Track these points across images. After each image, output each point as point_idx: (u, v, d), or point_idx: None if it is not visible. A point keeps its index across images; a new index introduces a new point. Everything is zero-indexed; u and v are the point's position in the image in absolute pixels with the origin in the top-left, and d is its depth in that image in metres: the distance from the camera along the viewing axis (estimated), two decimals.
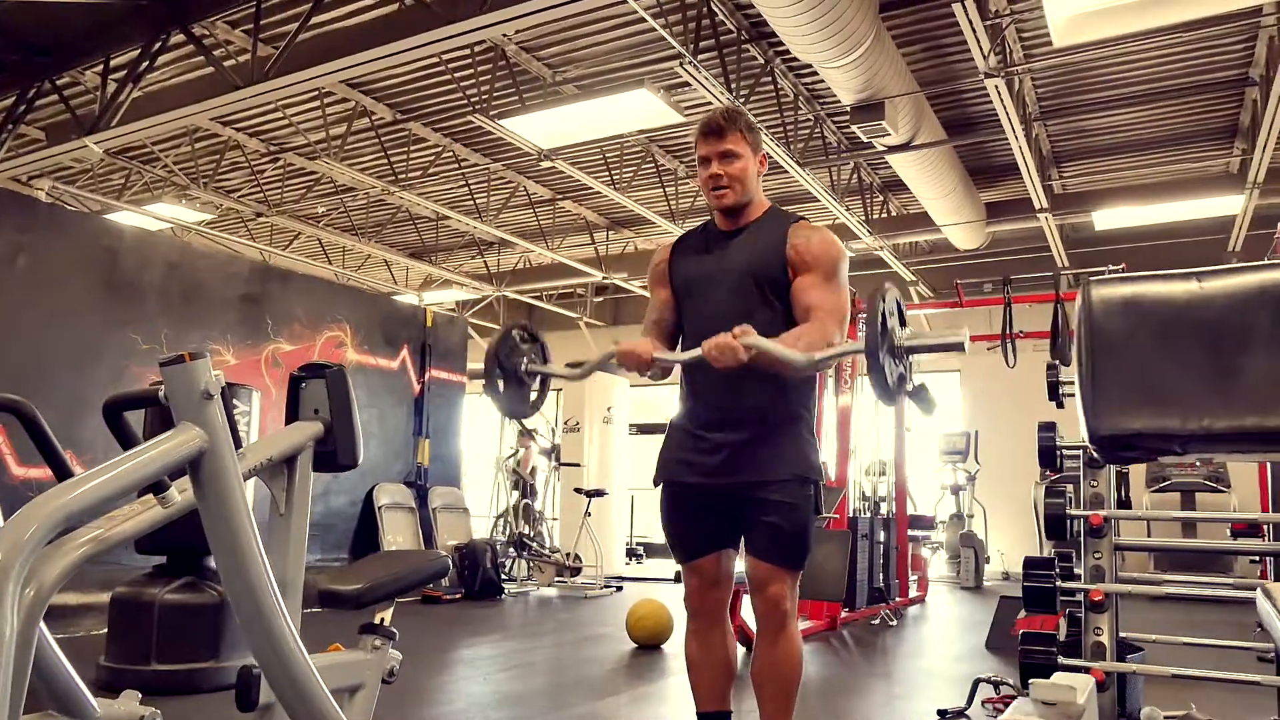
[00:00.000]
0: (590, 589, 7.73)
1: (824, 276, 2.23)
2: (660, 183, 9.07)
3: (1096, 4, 4.92)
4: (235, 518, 1.56)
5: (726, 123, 2.28)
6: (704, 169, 2.31)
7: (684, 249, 2.44)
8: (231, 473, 1.55)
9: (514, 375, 2.33)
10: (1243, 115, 7.91)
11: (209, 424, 1.51)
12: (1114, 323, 1.17)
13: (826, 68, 5.88)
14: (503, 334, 2.34)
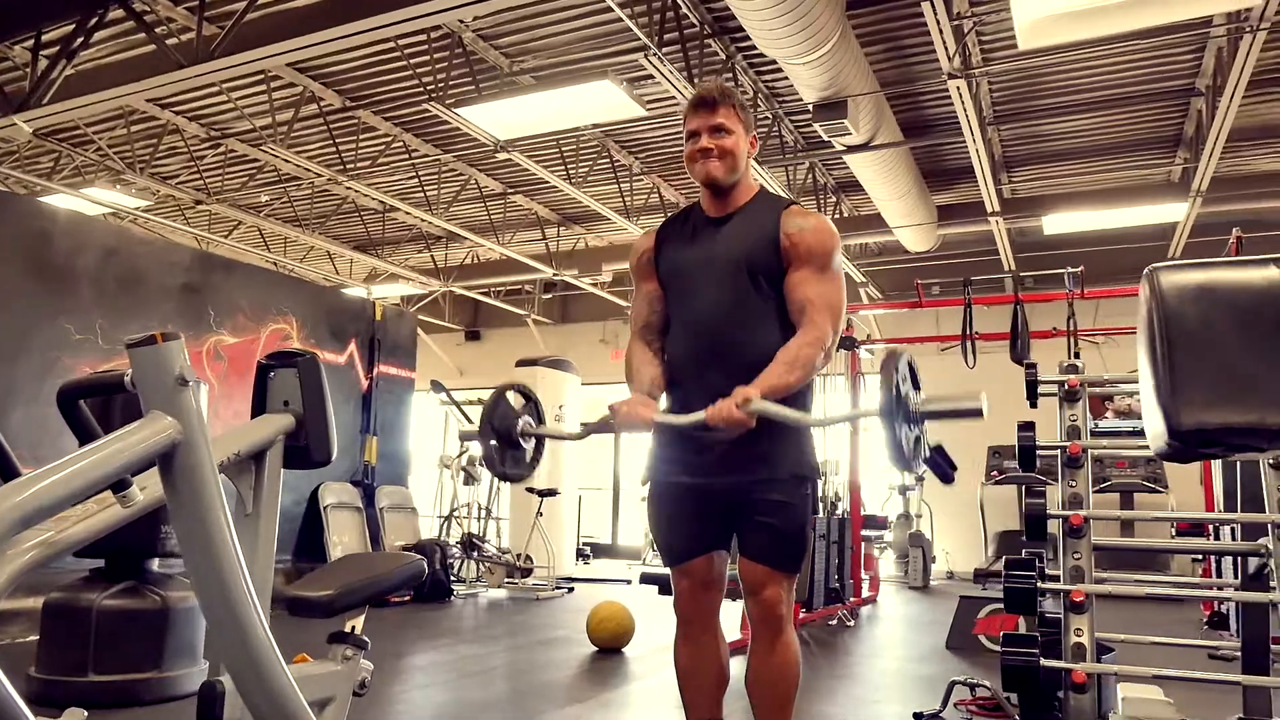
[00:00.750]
0: (542, 590, 7.57)
1: (819, 268, 2.15)
2: (615, 179, 8.94)
3: (1062, 7, 4.94)
4: (211, 517, 1.40)
5: (720, 96, 2.18)
6: (692, 143, 2.20)
7: (669, 237, 2.32)
8: (208, 468, 1.40)
9: (508, 438, 2.20)
10: (1187, 125, 8.09)
11: (183, 413, 1.35)
12: (1189, 311, 1.09)
13: (792, 64, 5.82)
14: (496, 396, 2.21)
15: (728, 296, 2.15)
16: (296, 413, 2.04)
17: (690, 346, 2.20)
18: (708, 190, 2.24)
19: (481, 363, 14.13)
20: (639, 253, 2.36)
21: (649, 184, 9.54)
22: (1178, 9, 5.00)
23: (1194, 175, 7.93)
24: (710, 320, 2.16)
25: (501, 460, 2.20)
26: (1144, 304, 1.18)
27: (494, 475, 2.24)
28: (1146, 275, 1.19)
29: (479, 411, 7.05)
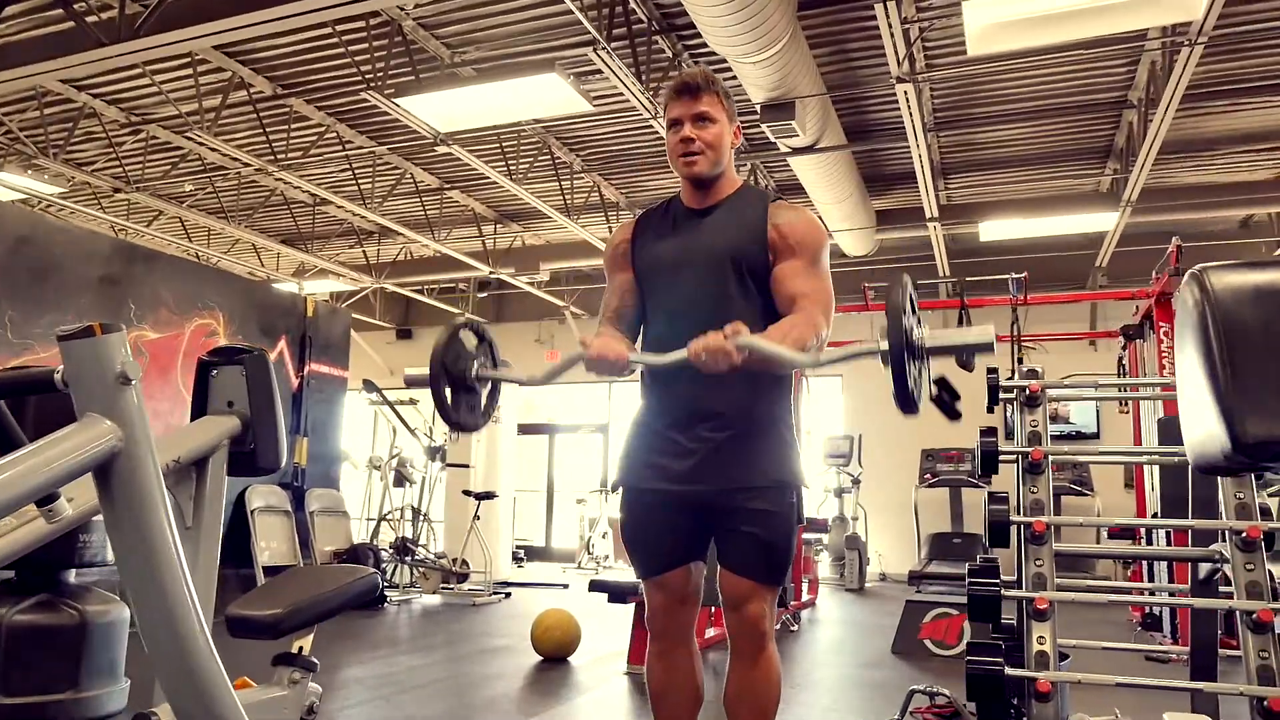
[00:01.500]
0: (479, 596, 7.38)
1: (809, 262, 2.05)
2: (556, 176, 8.79)
3: (1013, 14, 4.96)
4: (155, 534, 1.24)
5: (704, 83, 2.07)
6: (674, 132, 2.08)
7: (647, 228, 2.20)
8: (152, 478, 1.23)
9: (462, 382, 2.03)
10: (1118, 136, 8.28)
11: (125, 416, 1.19)
12: (1248, 313, 1.02)
13: (742, 63, 5.76)
14: (450, 334, 2.03)
15: (710, 290, 2.05)
16: (242, 414, 1.87)
17: (669, 342, 2.08)
18: (689, 182, 2.13)
19: (414, 362, 13.57)
20: (615, 244, 2.24)
21: (589, 182, 9.41)
22: (1124, 19, 5.07)
23: (1124, 186, 8.13)
24: (691, 315, 2.05)
25: (455, 407, 2.03)
26: (1191, 306, 1.10)
27: (447, 425, 2.06)
28: (1194, 276, 1.11)
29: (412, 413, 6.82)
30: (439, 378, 1.99)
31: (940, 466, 10.62)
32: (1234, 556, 3.06)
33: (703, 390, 2.02)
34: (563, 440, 13.52)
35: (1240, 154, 8.67)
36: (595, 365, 1.93)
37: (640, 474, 2.10)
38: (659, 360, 1.93)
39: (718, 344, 1.76)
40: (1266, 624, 2.91)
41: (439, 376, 1.99)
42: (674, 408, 2.06)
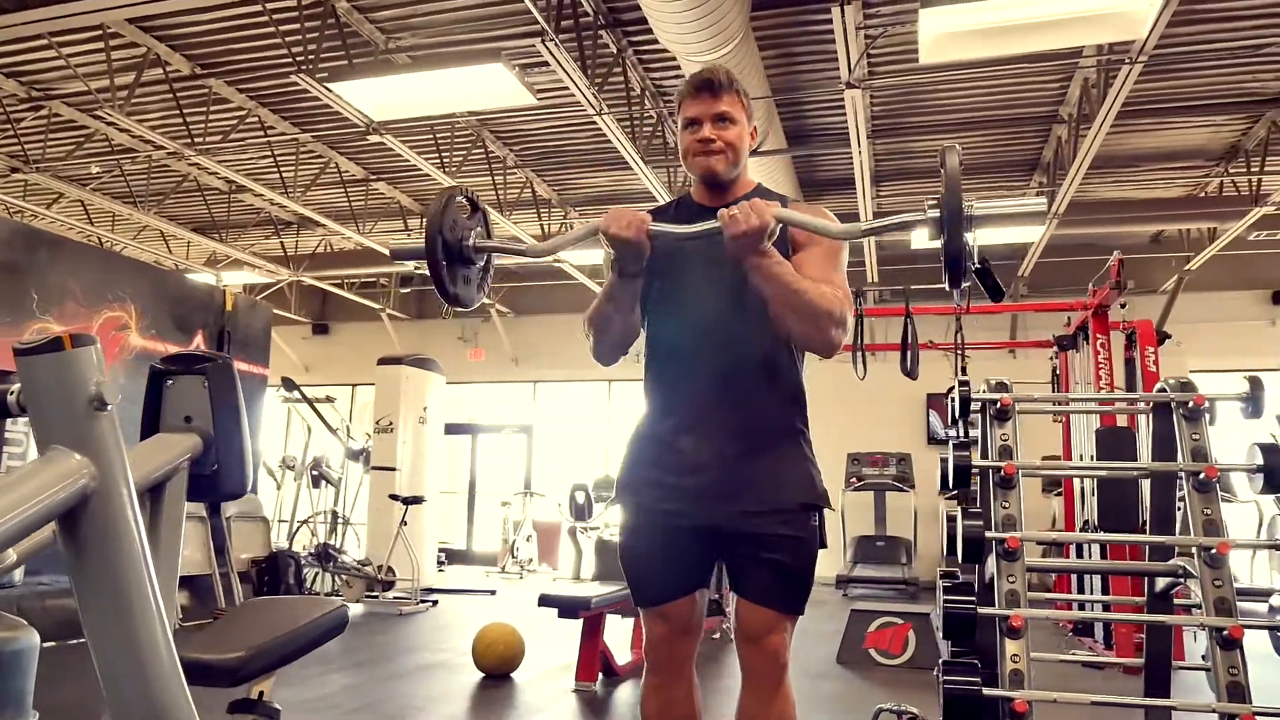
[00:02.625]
0: (405, 604, 7.10)
1: (826, 254, 1.92)
2: (489, 171, 8.54)
3: (967, 25, 4.97)
4: (132, 586, 1.03)
5: (725, 81, 1.92)
6: (691, 132, 1.93)
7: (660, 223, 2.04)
8: (130, 523, 1.03)
9: (458, 252, 1.85)
10: (1046, 150, 8.46)
11: (98, 449, 0.98)
12: None
13: (692, 61, 5.62)
14: (446, 199, 1.84)
15: (730, 295, 1.89)
16: (203, 431, 1.64)
17: (684, 349, 1.93)
18: (704, 184, 1.99)
19: (330, 358, 13.33)
20: None
21: (522, 178, 9.18)
22: (1072, 34, 5.14)
23: (1053, 199, 8.31)
24: (704, 317, 1.90)
25: (452, 279, 1.85)
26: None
27: (444, 298, 1.88)
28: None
29: (331, 411, 6.45)
30: (435, 246, 1.80)
31: (865, 470, 10.75)
32: (1202, 572, 3.06)
33: (717, 397, 1.88)
34: (485, 441, 13.22)
35: (1157, 171, 8.97)
36: (615, 230, 1.76)
37: (645, 492, 1.93)
38: (683, 231, 1.79)
39: (754, 209, 1.68)
40: (1236, 640, 2.92)
41: (435, 244, 1.80)
42: (684, 417, 1.91)
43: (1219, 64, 6.69)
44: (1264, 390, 3.22)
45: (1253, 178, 8.25)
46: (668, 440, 1.91)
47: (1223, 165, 8.68)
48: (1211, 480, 3.12)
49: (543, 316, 12.79)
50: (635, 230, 1.75)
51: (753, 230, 1.68)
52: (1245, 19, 6.00)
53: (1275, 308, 10.83)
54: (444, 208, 1.82)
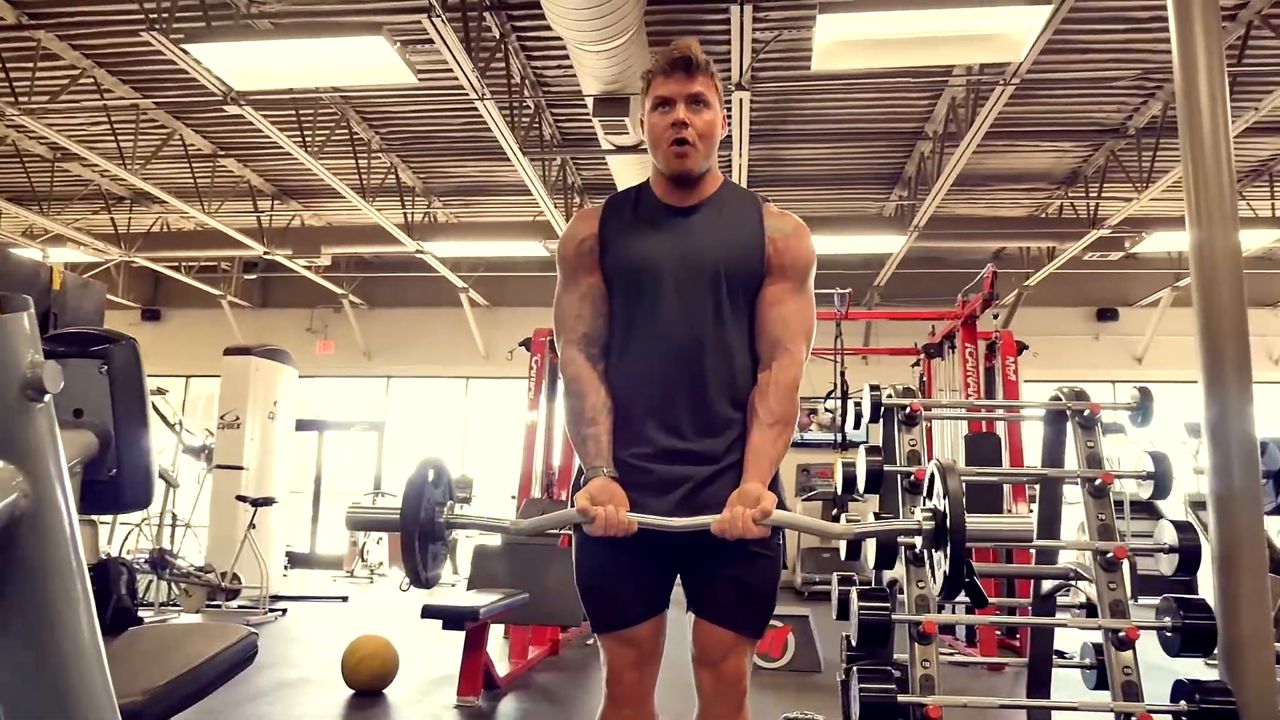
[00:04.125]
0: (252, 613, 6.58)
1: (798, 282, 1.82)
2: (353, 153, 8.08)
3: (861, 34, 5.03)
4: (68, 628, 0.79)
5: (701, 61, 1.77)
6: (662, 113, 1.76)
7: (616, 223, 1.84)
8: (71, 555, 0.79)
9: (431, 529, 1.63)
10: (909, 165, 8.77)
11: (33, 454, 0.75)
12: None
13: (583, 50, 5.47)
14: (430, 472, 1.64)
15: (703, 310, 1.75)
16: (99, 429, 1.37)
17: (652, 370, 1.76)
18: (670, 177, 1.81)
19: (162, 347, 12.30)
20: (578, 239, 1.86)
21: (387, 163, 8.75)
22: (957, 51, 5.30)
23: (911, 212, 8.63)
24: (675, 338, 1.75)
25: (424, 561, 1.61)
26: None
27: (412, 579, 1.63)
28: None
29: (164, 404, 5.86)
30: (414, 527, 1.58)
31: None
32: (1098, 576, 3.15)
33: (689, 417, 1.74)
34: (333, 438, 12.56)
35: (1005, 191, 9.48)
36: (600, 533, 1.64)
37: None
38: (672, 525, 1.65)
39: (746, 528, 1.61)
40: (1131, 641, 3.02)
41: (414, 525, 1.58)
42: (654, 438, 1.75)
43: (1072, 93, 7.11)
44: (1153, 401, 3.37)
45: (1090, 202, 8.84)
46: (637, 464, 1.76)
47: (1063, 189, 9.27)
48: (1107, 486, 3.23)
49: (399, 310, 12.28)
50: (622, 533, 1.63)
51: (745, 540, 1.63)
52: (1101, 52, 6.38)
53: (1099, 324, 11.68)
54: (425, 481, 1.62)
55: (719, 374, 1.75)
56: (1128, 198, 8.24)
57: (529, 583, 4.67)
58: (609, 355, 1.81)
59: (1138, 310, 11.53)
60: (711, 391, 1.74)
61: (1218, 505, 3.35)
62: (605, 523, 1.61)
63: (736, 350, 1.76)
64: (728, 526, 1.59)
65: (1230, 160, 3.47)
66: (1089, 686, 3.46)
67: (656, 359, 1.74)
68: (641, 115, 1.87)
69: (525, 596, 4.38)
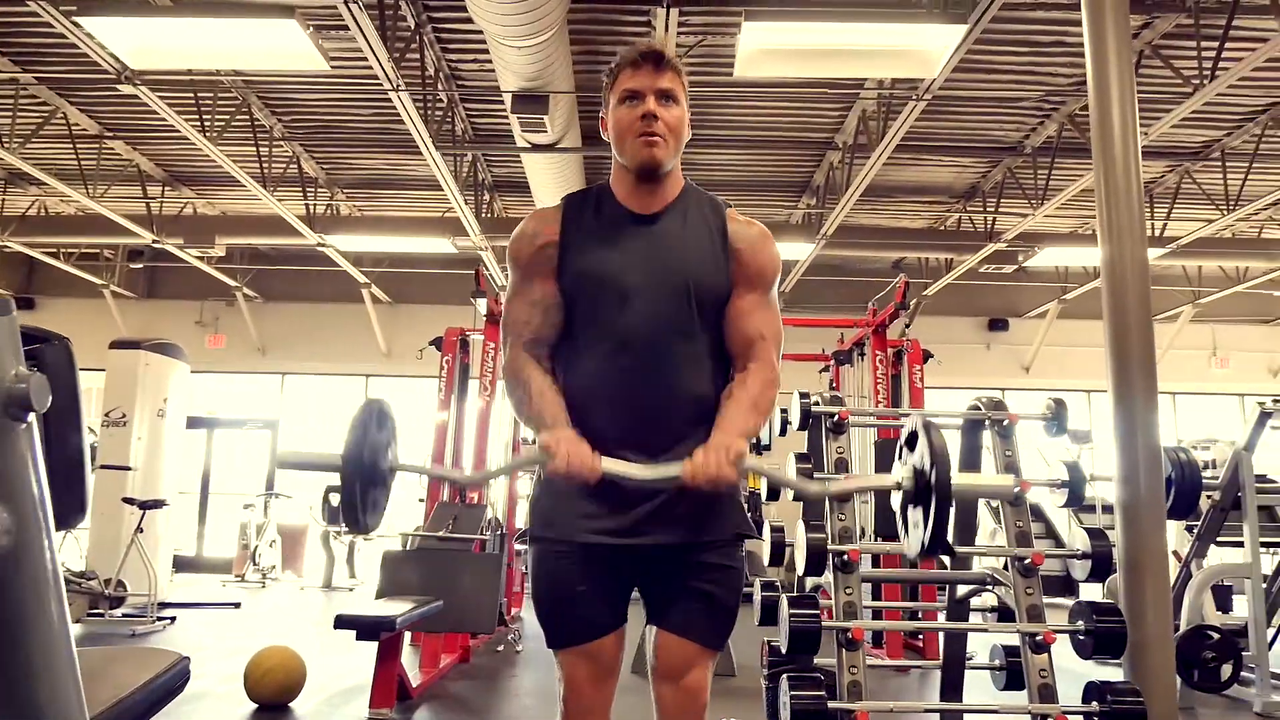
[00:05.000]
0: (139, 623, 6.22)
1: (765, 292, 1.78)
2: (254, 141, 7.75)
3: (784, 44, 5.09)
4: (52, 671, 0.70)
5: (669, 57, 1.72)
6: (630, 106, 1.69)
7: (579, 229, 1.76)
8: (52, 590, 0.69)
9: (374, 474, 1.57)
10: (818, 174, 8.94)
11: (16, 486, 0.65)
12: None
13: (505, 45, 5.37)
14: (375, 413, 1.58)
15: (668, 323, 1.69)
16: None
17: (613, 384, 1.69)
18: (635, 176, 1.74)
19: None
20: (535, 239, 1.76)
21: (289, 152, 8.43)
22: (874, 65, 5.43)
23: (821, 220, 8.80)
24: (641, 352, 1.68)
25: (364, 506, 1.54)
26: None
27: (350, 525, 1.55)
28: None
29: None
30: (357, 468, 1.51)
31: None
32: (1015, 581, 3.25)
33: (653, 433, 1.68)
34: (223, 437, 12.02)
35: (908, 202, 9.77)
36: (561, 473, 1.56)
37: (570, 525, 1.70)
38: (642, 475, 1.59)
39: (719, 469, 1.55)
40: (1047, 644, 3.12)
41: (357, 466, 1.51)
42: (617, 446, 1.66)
43: (977, 112, 7.37)
44: (1067, 411, 3.49)
45: (988, 216, 9.19)
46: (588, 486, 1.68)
47: (962, 203, 9.61)
48: (1024, 494, 3.34)
49: (296, 304, 11.86)
50: (589, 478, 1.56)
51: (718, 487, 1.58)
52: (1006, 73, 6.63)
53: (991, 333, 12.17)
54: (370, 421, 1.55)
55: (687, 391, 1.70)
56: (1023, 213, 8.60)
57: (442, 589, 4.54)
58: (565, 371, 1.75)
59: (1026, 321, 12.06)
60: (680, 409, 1.69)
61: (1124, 513, 3.50)
62: (568, 460, 1.53)
63: (705, 367, 1.72)
64: (699, 469, 1.54)
65: (1140, 182, 3.64)
66: (998, 688, 3.57)
67: (621, 374, 1.68)
68: (604, 113, 1.79)
69: (440, 604, 4.26)
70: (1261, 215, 9.13)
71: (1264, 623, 4.61)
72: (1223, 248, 9.78)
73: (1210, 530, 4.99)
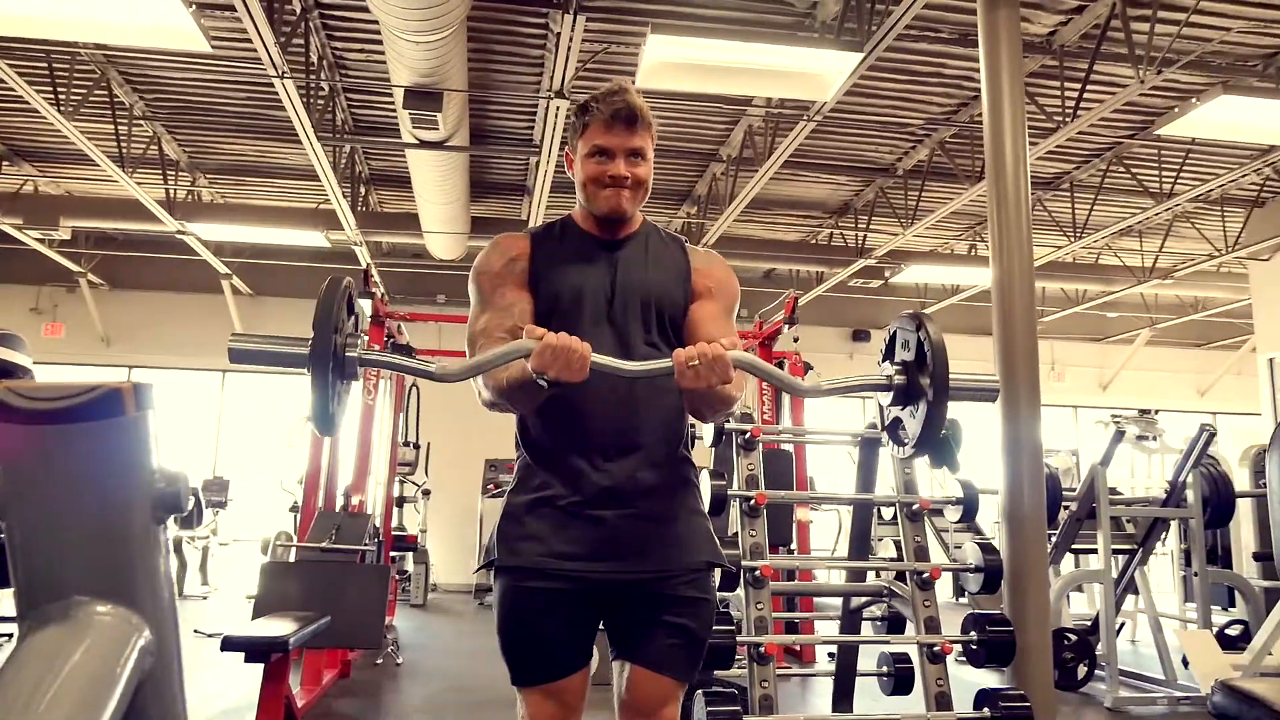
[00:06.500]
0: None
1: (726, 309, 1.83)
2: (113, 118, 7.22)
3: (686, 57, 5.14)
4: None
5: (643, 115, 1.74)
6: (599, 162, 1.72)
7: (547, 252, 1.78)
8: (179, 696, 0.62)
9: (342, 364, 1.48)
10: (700, 185, 9.09)
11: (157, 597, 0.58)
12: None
13: (402, 38, 5.20)
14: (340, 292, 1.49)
15: (633, 338, 1.71)
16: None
17: (581, 397, 1.64)
18: (599, 220, 1.78)
19: None
20: (510, 254, 1.76)
21: (149, 132, 7.90)
22: (771, 85, 5.55)
23: (701, 230, 8.96)
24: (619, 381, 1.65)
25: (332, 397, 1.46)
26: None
27: (318, 420, 1.45)
28: None
29: None
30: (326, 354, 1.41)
31: (503, 477, 10.72)
32: (913, 594, 3.40)
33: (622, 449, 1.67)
34: None
35: (784, 216, 10.05)
36: (550, 363, 1.47)
37: (533, 554, 1.65)
38: (630, 368, 1.57)
39: (716, 352, 1.49)
40: (944, 655, 3.28)
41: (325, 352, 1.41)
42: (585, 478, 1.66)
43: (858, 133, 7.67)
44: (960, 430, 3.67)
45: (859, 233, 9.57)
46: (565, 508, 1.66)
47: (834, 219, 9.97)
48: (923, 511, 3.49)
49: (147, 293, 11.12)
50: (580, 373, 1.50)
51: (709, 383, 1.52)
52: (889, 98, 6.92)
53: (855, 344, 12.67)
54: (337, 303, 1.46)
55: (654, 412, 1.70)
56: (893, 232, 9.00)
57: (326, 603, 4.35)
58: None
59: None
60: (642, 421, 1.68)
61: (1009, 524, 3.72)
62: (559, 341, 1.46)
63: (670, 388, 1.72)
64: (696, 354, 1.48)
65: (1029, 209, 3.88)
66: (885, 693, 3.72)
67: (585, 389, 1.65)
68: (569, 151, 1.83)
69: (328, 620, 4.08)
70: (1100, 243, 9.88)
71: (1113, 624, 5.00)
72: (1067, 271, 10.52)
73: (1066, 538, 5.36)
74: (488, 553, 1.72)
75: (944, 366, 1.57)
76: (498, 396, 1.61)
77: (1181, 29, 5.46)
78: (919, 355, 1.64)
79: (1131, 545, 5.42)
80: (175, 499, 0.57)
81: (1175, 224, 9.62)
